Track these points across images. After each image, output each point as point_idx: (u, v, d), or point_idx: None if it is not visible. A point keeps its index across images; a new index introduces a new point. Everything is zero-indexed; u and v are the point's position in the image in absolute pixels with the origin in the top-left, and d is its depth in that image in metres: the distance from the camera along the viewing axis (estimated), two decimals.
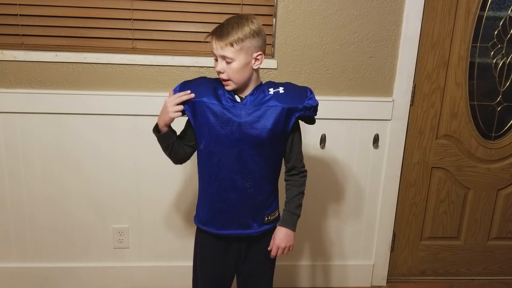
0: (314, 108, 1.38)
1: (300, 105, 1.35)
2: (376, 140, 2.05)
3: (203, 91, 1.36)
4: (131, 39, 1.88)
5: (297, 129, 1.42)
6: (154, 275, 2.12)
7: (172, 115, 1.37)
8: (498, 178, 2.22)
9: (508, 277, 2.38)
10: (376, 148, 2.07)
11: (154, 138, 2.02)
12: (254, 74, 1.36)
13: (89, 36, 1.86)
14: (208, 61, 1.89)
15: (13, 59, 1.83)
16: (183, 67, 1.90)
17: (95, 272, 2.09)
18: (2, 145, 1.91)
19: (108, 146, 1.95)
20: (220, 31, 1.29)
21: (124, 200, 2.02)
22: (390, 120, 2.03)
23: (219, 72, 1.32)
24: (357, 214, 2.16)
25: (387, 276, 2.28)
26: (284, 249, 1.43)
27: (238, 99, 1.36)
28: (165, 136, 1.41)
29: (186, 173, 2.02)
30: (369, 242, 2.21)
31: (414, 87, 2.03)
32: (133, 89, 1.90)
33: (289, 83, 1.43)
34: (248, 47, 1.30)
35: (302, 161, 1.46)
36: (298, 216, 1.45)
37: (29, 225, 2.01)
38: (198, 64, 1.89)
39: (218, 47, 1.29)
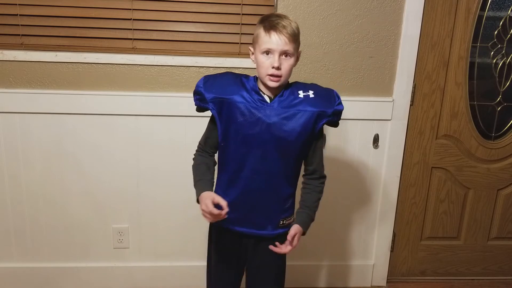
0: (340, 114, 1.39)
1: (329, 110, 1.35)
2: (376, 140, 2.05)
3: (231, 89, 1.34)
4: (131, 39, 1.87)
5: (322, 133, 1.41)
6: (154, 275, 2.12)
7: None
8: (498, 178, 2.22)
9: (508, 277, 2.38)
10: (376, 148, 2.07)
11: (154, 138, 2.01)
12: None
13: (89, 36, 1.86)
14: (208, 61, 1.89)
15: (13, 59, 1.83)
16: (183, 67, 1.90)
17: (95, 272, 2.09)
18: (2, 145, 1.91)
19: (108, 146, 1.95)
20: (282, 26, 1.26)
21: (124, 200, 2.02)
22: (390, 120, 2.03)
23: (277, 68, 1.28)
24: (357, 214, 2.16)
25: (387, 276, 2.28)
26: (293, 236, 1.35)
27: (267, 99, 1.34)
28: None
29: (186, 173, 2.01)
30: (369, 242, 2.21)
31: (414, 87, 2.03)
32: (133, 89, 1.90)
33: (315, 84, 1.42)
34: (299, 43, 1.33)
35: (323, 166, 1.45)
36: (313, 220, 1.45)
37: (29, 225, 2.01)
38: (198, 64, 1.89)
39: (282, 41, 1.26)
